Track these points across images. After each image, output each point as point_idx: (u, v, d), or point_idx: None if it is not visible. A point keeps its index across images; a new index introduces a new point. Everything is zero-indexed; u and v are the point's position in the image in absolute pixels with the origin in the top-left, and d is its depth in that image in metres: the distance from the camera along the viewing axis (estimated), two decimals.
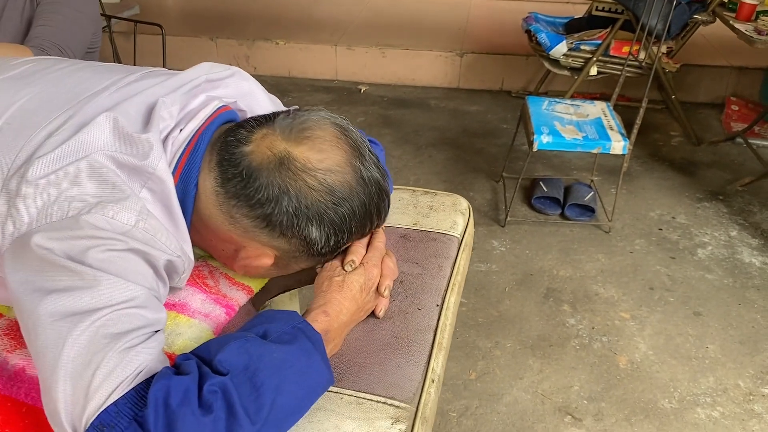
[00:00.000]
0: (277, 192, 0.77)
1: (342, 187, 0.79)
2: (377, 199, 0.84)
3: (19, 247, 0.73)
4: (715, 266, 2.28)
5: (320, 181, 0.78)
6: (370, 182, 0.82)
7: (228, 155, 0.80)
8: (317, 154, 0.79)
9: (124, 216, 0.73)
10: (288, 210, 0.78)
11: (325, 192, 0.78)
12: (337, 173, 0.79)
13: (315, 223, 0.79)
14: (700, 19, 2.78)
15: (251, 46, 3.80)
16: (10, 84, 0.89)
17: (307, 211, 0.78)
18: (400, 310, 0.92)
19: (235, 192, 0.79)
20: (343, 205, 0.80)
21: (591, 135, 2.29)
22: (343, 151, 0.80)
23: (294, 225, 0.79)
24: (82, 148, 0.76)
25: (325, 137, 0.80)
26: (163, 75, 0.94)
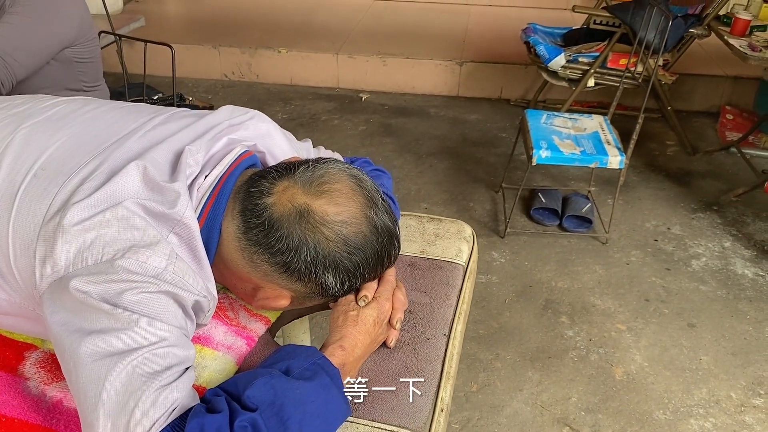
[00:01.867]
0: (296, 242, 0.83)
1: (356, 237, 0.85)
2: (388, 245, 0.90)
3: (57, 290, 0.79)
4: (708, 278, 2.34)
5: (337, 233, 0.84)
6: (383, 231, 0.88)
7: (251, 206, 0.85)
8: (334, 207, 0.84)
9: (155, 260, 0.79)
10: (306, 259, 0.84)
11: (341, 243, 0.84)
12: (353, 225, 0.85)
13: (331, 271, 0.85)
14: (696, 33, 2.84)
15: (253, 54, 3.85)
16: (43, 128, 0.94)
17: (324, 261, 0.84)
18: (409, 340, 0.98)
19: (256, 240, 0.84)
20: (357, 254, 0.86)
21: (588, 150, 2.35)
22: (358, 203, 0.86)
23: (312, 273, 0.85)
24: (114, 196, 0.82)
25: (342, 190, 0.86)
26: (187, 117, 0.99)
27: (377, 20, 4.49)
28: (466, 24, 4.43)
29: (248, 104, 3.64)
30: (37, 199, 0.84)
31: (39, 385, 0.86)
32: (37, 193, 0.84)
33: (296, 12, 4.60)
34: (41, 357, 0.91)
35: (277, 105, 3.67)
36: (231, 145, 0.95)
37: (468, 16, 4.61)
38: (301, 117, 3.54)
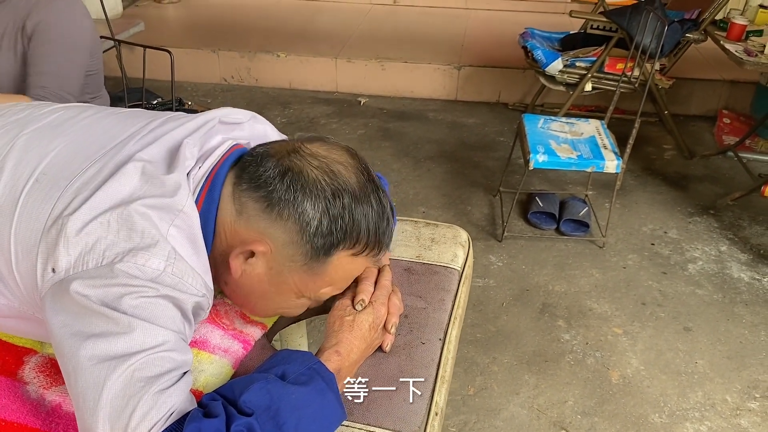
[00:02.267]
0: (282, 170, 0.84)
1: (345, 179, 0.85)
2: (377, 217, 0.87)
3: (58, 293, 0.80)
4: (705, 281, 2.35)
5: (324, 164, 0.85)
6: (377, 198, 0.87)
7: (248, 153, 0.90)
8: (327, 150, 0.87)
9: (153, 262, 0.80)
10: (287, 183, 0.84)
11: (326, 174, 0.84)
12: (346, 167, 0.86)
13: (310, 200, 0.83)
14: (692, 37, 2.86)
15: (252, 58, 3.87)
16: (43, 134, 0.96)
17: (304, 187, 0.83)
18: (405, 345, 0.99)
19: (247, 178, 0.86)
20: (342, 196, 0.84)
21: (585, 154, 2.36)
22: (354, 160, 0.88)
23: (290, 201, 0.83)
24: (113, 198, 0.83)
25: (338, 150, 0.89)
26: (182, 118, 1.01)
27: (376, 25, 4.51)
28: (465, 28, 4.45)
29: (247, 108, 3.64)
30: (39, 204, 0.85)
31: (38, 389, 0.87)
32: (38, 197, 0.86)
33: (295, 16, 4.62)
34: (40, 361, 0.92)
35: (276, 109, 3.69)
36: (224, 142, 0.96)
37: (466, 20, 4.63)
38: (299, 121, 3.55)
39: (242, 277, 0.89)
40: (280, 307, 0.95)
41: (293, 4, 4.90)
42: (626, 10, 2.86)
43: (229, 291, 0.94)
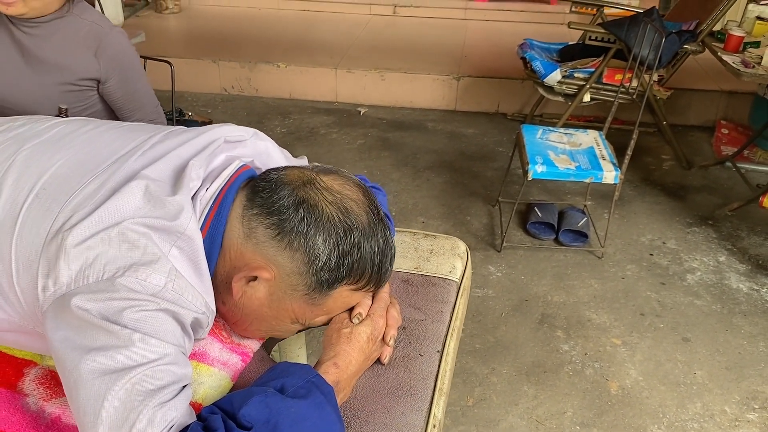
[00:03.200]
0: (296, 200, 0.85)
1: (357, 217, 0.87)
2: (381, 255, 0.89)
3: (59, 307, 0.80)
4: (703, 292, 2.36)
5: (339, 201, 0.87)
6: (383, 235, 0.89)
7: (261, 177, 0.91)
8: (341, 185, 0.89)
9: (154, 278, 0.81)
10: (301, 214, 0.85)
11: (340, 210, 0.86)
12: (357, 204, 0.88)
13: (323, 234, 0.84)
14: (690, 49, 2.87)
15: (253, 68, 3.89)
16: (43, 149, 0.96)
17: (317, 221, 0.85)
18: (403, 357, 0.99)
19: (260, 203, 0.87)
20: (353, 233, 0.86)
21: (584, 165, 2.37)
22: (364, 198, 0.90)
23: (303, 233, 0.84)
24: (115, 214, 0.83)
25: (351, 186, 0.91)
26: (185, 134, 1.01)
27: (376, 35, 4.53)
28: (464, 39, 4.47)
29: (247, 118, 3.69)
30: (40, 219, 0.86)
31: (38, 401, 0.88)
32: (39, 212, 0.86)
33: (295, 27, 4.65)
34: (40, 373, 0.92)
35: (276, 119, 3.70)
36: (229, 161, 0.97)
37: (465, 30, 4.65)
38: (299, 131, 3.56)
39: (242, 299, 0.90)
40: (273, 329, 0.96)
41: (293, 15, 4.93)
42: (624, 22, 2.88)
43: (225, 310, 0.94)
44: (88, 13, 1.64)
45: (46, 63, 1.60)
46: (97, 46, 1.60)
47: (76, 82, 1.63)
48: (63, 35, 1.60)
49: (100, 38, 1.61)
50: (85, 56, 1.61)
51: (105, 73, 1.63)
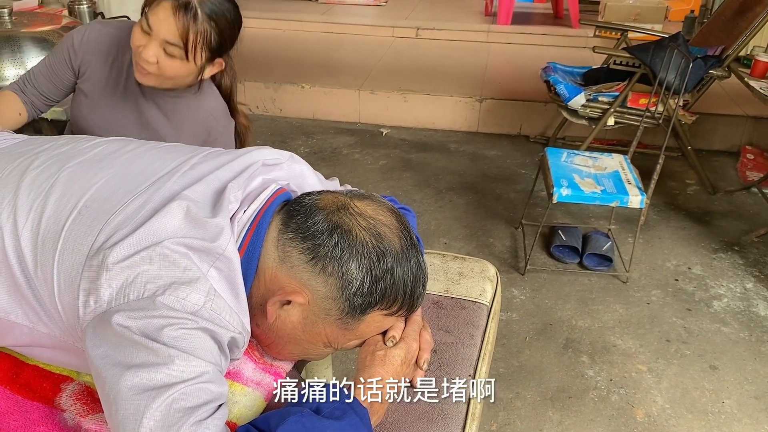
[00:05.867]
0: (331, 225, 0.86)
1: (390, 242, 0.87)
2: (414, 280, 0.90)
3: (99, 324, 0.82)
4: (730, 319, 2.32)
5: (372, 226, 0.87)
6: (416, 260, 0.90)
7: (296, 202, 0.92)
8: (374, 211, 0.90)
9: (194, 297, 0.82)
10: (335, 240, 0.85)
11: (374, 236, 0.87)
12: (390, 229, 0.88)
13: (356, 260, 0.85)
14: (716, 74, 2.87)
15: (278, 89, 3.93)
16: (86, 168, 0.99)
17: (352, 247, 0.85)
18: (435, 381, 0.99)
19: (295, 227, 0.88)
20: (386, 258, 0.86)
21: (609, 189, 2.37)
22: (397, 224, 0.90)
23: (337, 258, 0.85)
24: (156, 234, 0.85)
25: (384, 211, 0.91)
26: (223, 156, 1.03)
27: (398, 57, 4.57)
28: (486, 61, 4.50)
29: (271, 138, 3.73)
30: (82, 236, 0.87)
31: (75, 417, 0.89)
32: (81, 230, 0.88)
33: (319, 49, 4.70)
34: (77, 389, 0.93)
35: (299, 139, 3.74)
36: (266, 184, 0.98)
37: (487, 53, 4.68)
38: (322, 151, 3.59)
39: (276, 322, 0.91)
40: (306, 352, 0.97)
41: (318, 36, 5.00)
42: (649, 47, 2.88)
43: (259, 332, 0.94)
44: (209, 100, 1.62)
45: (156, 135, 1.59)
46: (206, 137, 1.61)
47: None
48: (182, 116, 1.60)
49: (209, 131, 1.61)
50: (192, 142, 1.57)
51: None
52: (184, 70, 1.47)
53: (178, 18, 1.39)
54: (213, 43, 1.46)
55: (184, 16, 1.39)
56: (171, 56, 1.43)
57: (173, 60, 1.44)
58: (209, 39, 1.44)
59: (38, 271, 0.88)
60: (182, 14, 1.39)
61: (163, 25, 1.40)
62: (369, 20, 5.22)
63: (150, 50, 1.41)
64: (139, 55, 1.43)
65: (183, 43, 1.41)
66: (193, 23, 1.40)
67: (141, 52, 1.43)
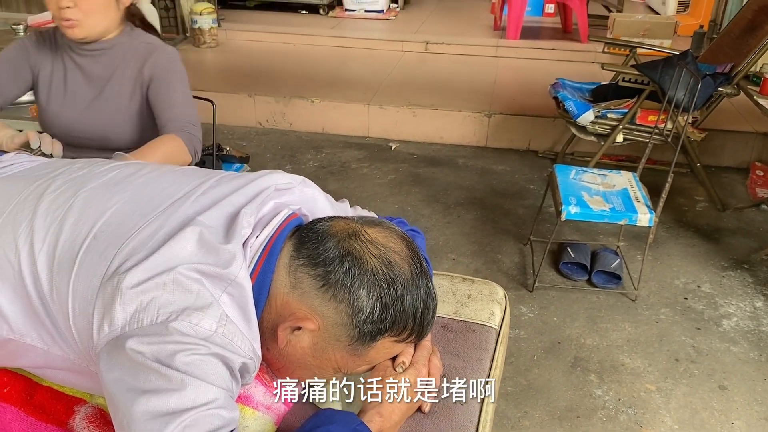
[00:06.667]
0: (342, 252, 0.87)
1: (400, 270, 0.88)
2: (424, 307, 0.91)
3: (113, 349, 0.83)
4: (740, 338, 2.31)
5: (383, 253, 0.88)
6: (426, 287, 0.91)
7: (307, 228, 0.93)
8: (385, 238, 0.91)
9: (206, 323, 0.83)
10: (346, 267, 0.86)
11: (384, 264, 0.88)
12: (400, 256, 0.90)
13: (366, 288, 0.86)
14: (725, 92, 2.87)
15: (287, 103, 3.96)
16: (101, 192, 1.00)
17: (362, 275, 0.87)
18: (443, 406, 1.00)
19: (306, 253, 0.89)
20: (396, 286, 0.88)
21: (618, 206, 2.37)
22: (407, 250, 0.91)
23: (347, 286, 0.86)
24: (170, 260, 0.86)
25: (394, 237, 0.92)
26: (236, 180, 1.04)
27: (407, 71, 4.60)
28: (495, 76, 4.51)
29: (281, 152, 3.75)
30: (96, 261, 0.89)
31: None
32: (96, 254, 0.89)
33: (329, 63, 4.74)
34: (90, 412, 0.94)
35: (308, 153, 3.76)
36: (278, 208, 0.99)
37: (496, 68, 4.70)
38: (331, 165, 3.61)
39: (286, 347, 0.91)
40: (315, 376, 0.97)
41: (327, 50, 5.03)
42: (658, 64, 2.89)
43: (269, 356, 0.95)
44: (148, 37, 1.76)
45: (106, 85, 1.71)
46: (145, 59, 1.71)
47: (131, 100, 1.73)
48: (121, 55, 1.71)
49: (150, 53, 1.71)
50: (135, 68, 1.71)
51: (147, 80, 1.71)
52: (101, 1, 1.60)
53: None
54: None
55: None
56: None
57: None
58: None
59: (54, 295, 0.90)
60: None
61: None
62: (378, 34, 5.25)
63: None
64: (57, 7, 1.56)
65: None
66: None
67: (58, 4, 1.55)
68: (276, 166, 3.55)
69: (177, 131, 1.62)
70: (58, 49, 1.73)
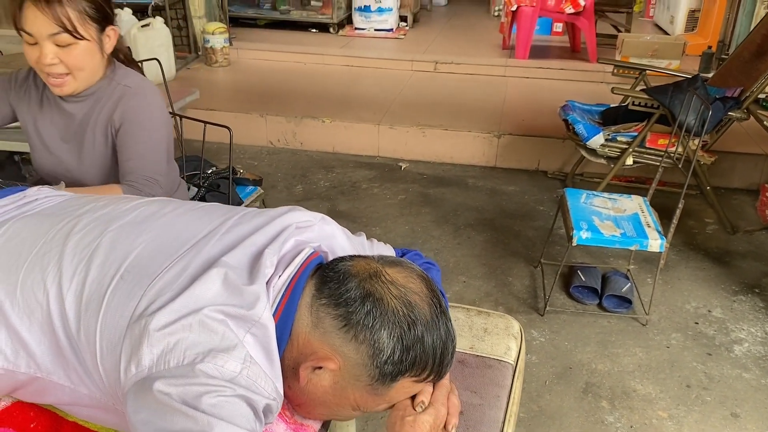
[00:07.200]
0: (363, 293, 0.89)
1: (421, 311, 0.90)
2: (443, 347, 0.93)
3: (140, 389, 0.85)
4: (752, 365, 2.31)
5: (403, 294, 0.90)
6: (445, 328, 0.92)
7: (329, 267, 0.95)
8: (405, 278, 0.93)
9: (231, 365, 0.85)
10: (367, 308, 0.88)
11: (405, 305, 0.90)
12: (420, 297, 0.91)
13: (387, 329, 0.88)
14: (735, 116, 2.88)
15: (299, 123, 4.00)
16: (127, 231, 1.03)
17: (383, 316, 0.88)
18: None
19: (328, 293, 0.91)
20: (416, 327, 0.90)
21: (629, 232, 2.38)
22: (427, 291, 0.93)
23: (369, 327, 0.88)
24: (196, 302, 0.88)
25: (414, 278, 0.94)
26: (257, 218, 1.07)
27: (417, 91, 4.63)
28: (504, 96, 4.54)
29: (292, 171, 3.78)
30: (124, 301, 0.91)
31: None
32: (123, 295, 0.92)
33: (340, 82, 4.78)
34: None
35: (319, 172, 3.78)
36: (299, 247, 1.01)
37: (505, 87, 4.73)
38: (342, 185, 3.64)
39: (307, 385, 0.93)
40: (335, 414, 0.99)
41: (338, 69, 5.08)
42: (668, 89, 2.91)
43: (290, 394, 0.97)
44: (126, 78, 1.67)
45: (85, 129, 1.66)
46: (117, 104, 1.63)
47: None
48: (99, 100, 1.65)
49: (122, 97, 1.63)
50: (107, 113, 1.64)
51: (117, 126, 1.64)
52: (86, 54, 1.53)
53: (45, 9, 1.45)
54: (91, 12, 1.51)
55: (48, 5, 1.45)
56: (66, 46, 1.49)
57: (70, 48, 1.50)
58: (85, 9, 1.50)
59: (81, 335, 0.92)
60: (46, 3, 1.45)
61: (37, 23, 1.45)
62: (388, 54, 5.30)
63: (45, 53, 1.47)
64: (42, 65, 1.50)
65: (64, 28, 1.47)
66: (60, 5, 1.46)
67: (41, 61, 1.49)
68: (287, 186, 3.58)
69: (126, 185, 1.59)
70: (44, 90, 1.67)
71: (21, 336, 0.95)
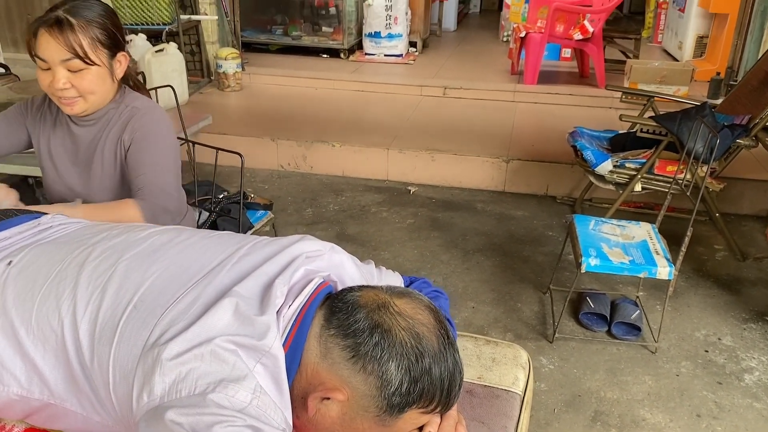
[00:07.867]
0: (371, 324, 0.91)
1: (428, 343, 0.91)
2: (451, 379, 0.94)
3: (152, 418, 0.86)
4: (762, 394, 2.29)
5: (411, 326, 0.91)
6: (453, 359, 0.93)
7: (338, 298, 0.96)
8: (413, 309, 0.94)
9: (241, 395, 0.86)
10: (375, 340, 0.89)
11: (413, 337, 0.91)
12: (428, 328, 0.92)
13: (395, 361, 0.89)
14: (743, 144, 2.89)
15: (309, 147, 4.04)
16: (141, 260, 1.05)
17: (391, 347, 0.89)
18: None
19: (337, 324, 0.92)
20: (424, 359, 0.90)
21: (637, 259, 2.38)
22: (435, 321, 0.94)
23: (377, 358, 0.89)
24: (208, 332, 0.90)
25: (422, 309, 0.95)
26: (268, 247, 1.09)
27: (426, 116, 4.67)
28: (513, 121, 4.57)
29: (302, 194, 3.81)
30: (137, 330, 0.93)
31: None
32: (137, 324, 0.93)
33: (350, 107, 4.83)
34: None
35: (329, 196, 3.81)
36: (309, 276, 1.03)
37: (514, 112, 4.76)
38: (351, 208, 3.66)
39: (316, 416, 0.94)
40: None
41: (348, 94, 5.13)
42: (677, 116, 2.92)
43: (299, 423, 0.98)
44: (135, 101, 1.71)
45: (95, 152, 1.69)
46: (125, 124, 1.67)
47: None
48: (109, 122, 1.69)
49: (130, 117, 1.67)
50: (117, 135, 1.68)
51: (127, 145, 1.67)
52: (97, 79, 1.58)
53: (58, 36, 1.50)
54: (102, 39, 1.57)
55: (61, 32, 1.50)
56: (78, 71, 1.54)
57: (82, 73, 1.55)
58: (96, 36, 1.55)
59: (95, 363, 0.93)
60: (59, 31, 1.50)
61: (50, 49, 1.51)
62: (397, 79, 5.35)
63: (58, 78, 1.53)
64: (54, 89, 1.55)
65: (76, 54, 1.52)
66: (72, 32, 1.51)
67: (53, 85, 1.54)
68: (297, 210, 3.61)
69: (140, 198, 1.61)
70: (57, 115, 1.72)
71: (35, 363, 0.97)
